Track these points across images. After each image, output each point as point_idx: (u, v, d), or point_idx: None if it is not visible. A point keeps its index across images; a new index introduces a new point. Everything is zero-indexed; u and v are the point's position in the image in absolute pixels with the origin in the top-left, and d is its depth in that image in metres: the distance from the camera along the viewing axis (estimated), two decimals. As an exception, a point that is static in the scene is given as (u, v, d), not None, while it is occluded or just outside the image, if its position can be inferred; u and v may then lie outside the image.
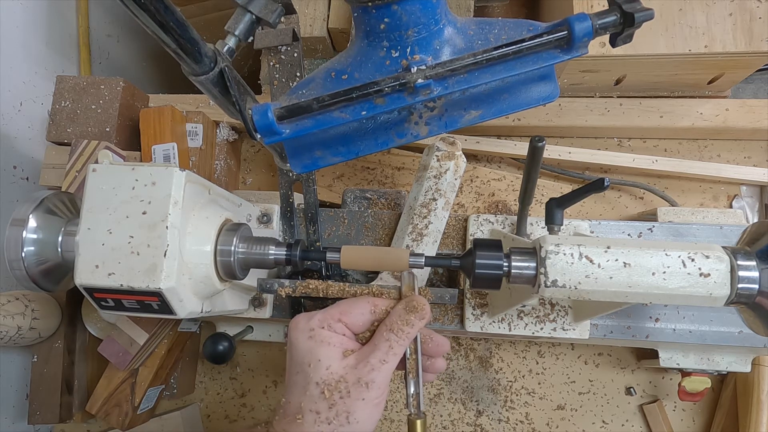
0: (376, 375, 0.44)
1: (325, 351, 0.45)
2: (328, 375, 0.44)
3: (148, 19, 0.38)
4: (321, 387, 0.44)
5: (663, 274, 0.46)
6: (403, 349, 0.47)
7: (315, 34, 0.93)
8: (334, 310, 0.48)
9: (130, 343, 0.76)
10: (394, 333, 0.46)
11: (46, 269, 0.57)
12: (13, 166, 0.96)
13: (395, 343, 0.46)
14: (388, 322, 0.47)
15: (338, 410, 0.43)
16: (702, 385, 0.75)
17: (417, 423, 0.46)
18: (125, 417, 0.79)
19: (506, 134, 0.94)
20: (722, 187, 0.91)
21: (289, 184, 0.72)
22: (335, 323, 0.47)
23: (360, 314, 0.48)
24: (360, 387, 0.44)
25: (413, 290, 0.50)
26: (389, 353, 0.45)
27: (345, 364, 0.45)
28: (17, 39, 0.98)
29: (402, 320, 0.47)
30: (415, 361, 0.49)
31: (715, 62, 0.78)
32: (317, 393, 0.44)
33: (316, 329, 0.47)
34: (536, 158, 0.55)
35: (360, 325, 0.49)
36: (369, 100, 0.50)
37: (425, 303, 0.48)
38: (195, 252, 0.53)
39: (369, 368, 0.44)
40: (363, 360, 0.45)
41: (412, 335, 0.47)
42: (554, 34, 0.48)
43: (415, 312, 0.47)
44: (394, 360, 0.46)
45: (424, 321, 0.48)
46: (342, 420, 0.43)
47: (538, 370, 0.89)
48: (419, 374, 0.48)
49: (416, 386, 0.48)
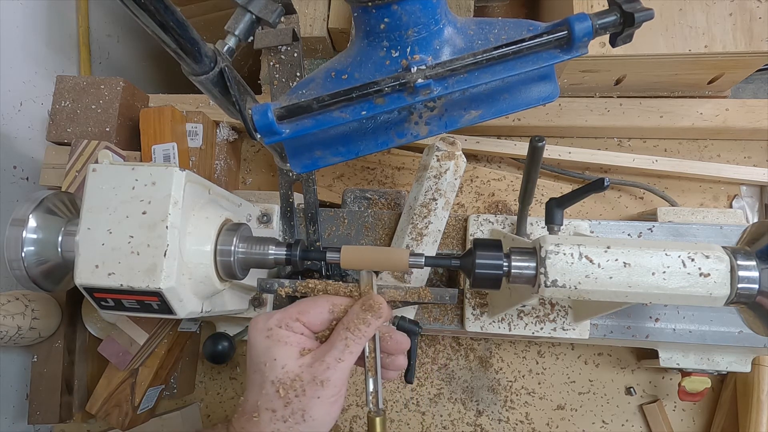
0: (332, 373, 0.45)
1: (281, 350, 0.46)
2: (283, 374, 0.45)
3: (148, 19, 0.38)
4: (276, 386, 0.44)
5: (663, 274, 0.46)
6: (360, 348, 0.47)
7: (315, 34, 0.93)
8: (293, 309, 0.48)
9: (130, 343, 0.76)
10: (350, 332, 0.46)
11: (46, 269, 0.57)
12: (13, 166, 0.96)
13: (352, 342, 0.46)
14: (345, 321, 0.47)
15: (294, 408, 0.44)
16: (702, 385, 0.75)
17: (376, 420, 0.47)
18: (125, 417, 0.79)
19: (506, 134, 0.94)
20: (722, 187, 0.91)
21: (289, 184, 0.72)
22: (293, 322, 0.47)
23: (319, 313, 0.48)
24: (315, 385, 0.44)
25: (372, 288, 0.50)
26: (345, 352, 0.46)
27: (301, 363, 0.45)
28: (17, 39, 0.98)
29: (359, 319, 0.47)
30: (374, 359, 0.49)
31: (715, 62, 0.78)
32: (273, 391, 0.44)
33: (274, 329, 0.47)
34: (536, 158, 0.55)
35: (318, 324, 0.49)
36: (369, 100, 0.50)
37: (382, 302, 0.48)
38: (195, 252, 0.53)
39: (324, 367, 0.45)
40: (319, 359, 0.45)
41: (369, 334, 0.47)
42: (554, 34, 0.48)
43: (372, 311, 0.47)
44: (351, 359, 0.46)
45: (382, 320, 0.48)
46: (297, 418, 0.44)
47: (538, 370, 0.89)
48: (378, 372, 0.49)
49: (375, 384, 0.48)
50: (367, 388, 0.48)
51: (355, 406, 0.92)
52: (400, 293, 0.53)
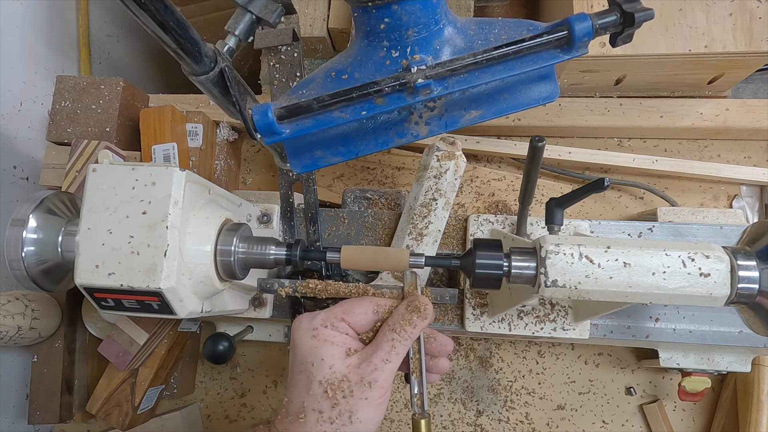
0: (379, 375, 0.44)
1: (328, 350, 0.45)
2: (331, 374, 0.44)
3: (148, 19, 0.38)
4: (324, 386, 0.44)
5: (663, 274, 0.46)
6: (406, 349, 0.47)
7: (315, 34, 0.93)
8: (337, 309, 0.48)
9: (130, 343, 0.76)
10: (396, 333, 0.46)
11: (46, 269, 0.57)
12: (13, 166, 0.96)
13: (398, 343, 0.46)
14: (391, 322, 0.47)
15: (341, 410, 0.43)
16: (702, 385, 0.75)
17: (421, 423, 0.46)
18: (125, 417, 0.79)
19: (506, 134, 0.94)
20: (722, 187, 0.91)
21: (289, 184, 0.72)
22: (338, 322, 0.47)
23: (363, 314, 0.48)
24: (363, 386, 0.44)
25: (416, 289, 0.50)
26: (392, 353, 0.45)
27: (348, 364, 0.45)
28: (17, 39, 0.98)
29: (404, 320, 0.47)
30: (419, 360, 0.49)
31: (715, 62, 0.78)
32: (320, 392, 0.44)
33: (319, 328, 0.46)
34: (536, 158, 0.55)
35: (363, 325, 0.48)
36: (369, 100, 0.50)
37: (428, 303, 0.48)
38: (195, 252, 0.53)
39: (372, 368, 0.44)
40: (366, 360, 0.45)
41: (414, 335, 0.47)
42: (554, 34, 0.48)
43: (418, 312, 0.47)
44: (397, 360, 0.46)
45: (427, 321, 0.48)
46: (345, 419, 0.43)
47: (538, 370, 0.89)
48: (423, 374, 0.48)
49: (420, 386, 0.48)
50: (412, 390, 0.48)
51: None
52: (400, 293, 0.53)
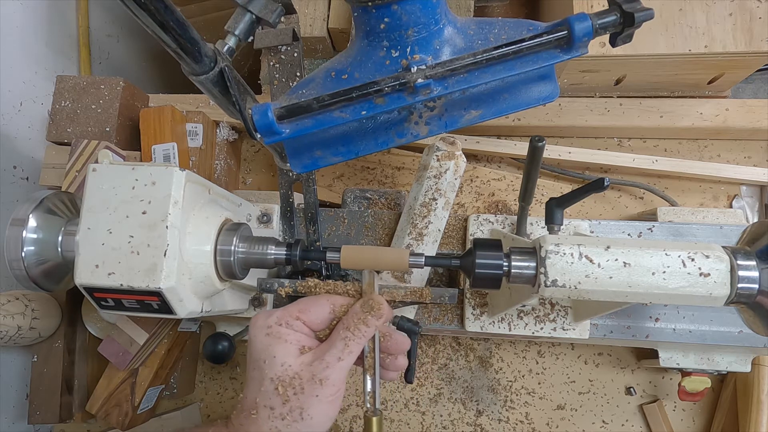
0: (331, 372, 0.45)
1: (281, 348, 0.46)
2: (282, 372, 0.45)
3: (148, 18, 0.38)
4: (275, 383, 0.45)
5: (663, 273, 0.46)
6: (360, 348, 0.47)
7: (315, 34, 0.93)
8: (293, 307, 0.49)
9: (130, 343, 0.76)
10: (350, 331, 0.46)
11: (46, 269, 0.57)
12: (13, 166, 0.96)
13: (351, 342, 0.46)
14: (346, 321, 0.47)
15: (292, 406, 0.44)
16: (702, 385, 0.75)
17: (373, 420, 0.46)
18: (125, 417, 0.79)
19: (506, 134, 0.94)
20: (722, 187, 0.91)
21: (289, 184, 0.72)
22: (293, 321, 0.48)
23: (319, 312, 0.48)
24: (314, 384, 0.44)
25: (374, 289, 0.50)
26: (345, 351, 0.46)
27: (301, 362, 0.46)
28: (17, 39, 0.98)
29: (359, 319, 0.47)
30: (373, 359, 0.49)
31: (715, 62, 0.78)
32: (271, 389, 0.44)
33: (274, 326, 0.47)
34: (536, 158, 0.55)
35: (319, 323, 0.49)
36: (369, 100, 0.50)
37: (383, 302, 0.49)
38: (195, 252, 0.53)
39: (324, 366, 0.45)
40: (319, 357, 0.46)
41: (369, 334, 0.47)
42: (554, 33, 0.48)
43: (372, 311, 0.47)
44: (350, 358, 0.46)
45: (382, 320, 0.48)
46: (296, 416, 0.44)
47: (538, 370, 0.89)
48: (376, 372, 0.49)
49: (373, 384, 0.48)
50: (365, 388, 0.48)
51: (355, 406, 0.92)
52: (400, 293, 0.53)
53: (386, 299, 0.50)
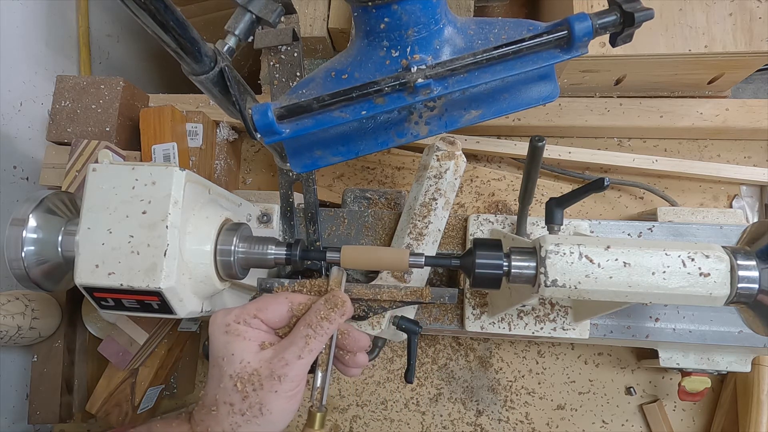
0: (290, 369, 0.45)
1: (239, 345, 0.46)
2: (241, 368, 0.45)
3: (148, 18, 0.38)
4: (234, 380, 0.45)
5: (663, 273, 0.46)
6: (321, 345, 0.47)
7: (315, 34, 0.93)
8: (251, 306, 0.49)
9: (130, 342, 0.76)
10: (312, 329, 0.47)
11: (46, 269, 0.57)
12: (13, 166, 0.96)
13: (312, 339, 0.46)
14: (307, 318, 0.48)
15: (251, 402, 0.44)
16: (702, 385, 0.75)
17: (317, 415, 0.47)
18: (125, 417, 0.79)
19: (506, 134, 0.94)
20: (722, 187, 0.91)
21: (289, 184, 0.72)
22: (251, 319, 0.48)
23: (277, 310, 0.49)
24: (272, 380, 0.44)
25: (340, 286, 0.51)
26: (305, 349, 0.46)
27: (260, 358, 0.46)
28: (17, 39, 0.98)
29: (321, 316, 0.47)
30: (327, 355, 0.49)
31: (715, 62, 0.78)
32: (231, 385, 0.45)
33: (232, 324, 0.47)
34: (536, 158, 0.55)
35: (277, 321, 0.49)
36: (369, 100, 0.50)
37: (346, 299, 0.49)
38: (195, 252, 0.53)
39: (283, 363, 0.45)
40: (278, 354, 0.46)
41: (331, 331, 0.47)
42: (554, 33, 0.48)
43: (336, 308, 0.48)
44: (310, 356, 0.46)
45: (345, 317, 0.48)
46: (255, 411, 0.44)
47: (538, 369, 0.89)
48: (329, 369, 0.49)
49: (323, 380, 0.48)
50: (314, 383, 0.48)
51: (355, 406, 0.92)
52: (400, 293, 0.53)
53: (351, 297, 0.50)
